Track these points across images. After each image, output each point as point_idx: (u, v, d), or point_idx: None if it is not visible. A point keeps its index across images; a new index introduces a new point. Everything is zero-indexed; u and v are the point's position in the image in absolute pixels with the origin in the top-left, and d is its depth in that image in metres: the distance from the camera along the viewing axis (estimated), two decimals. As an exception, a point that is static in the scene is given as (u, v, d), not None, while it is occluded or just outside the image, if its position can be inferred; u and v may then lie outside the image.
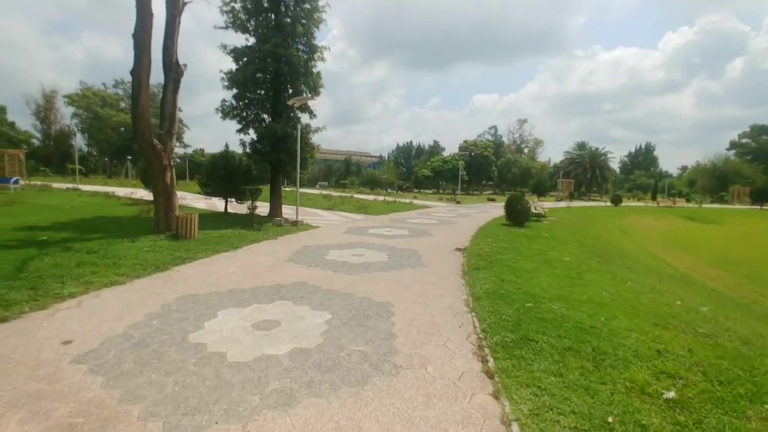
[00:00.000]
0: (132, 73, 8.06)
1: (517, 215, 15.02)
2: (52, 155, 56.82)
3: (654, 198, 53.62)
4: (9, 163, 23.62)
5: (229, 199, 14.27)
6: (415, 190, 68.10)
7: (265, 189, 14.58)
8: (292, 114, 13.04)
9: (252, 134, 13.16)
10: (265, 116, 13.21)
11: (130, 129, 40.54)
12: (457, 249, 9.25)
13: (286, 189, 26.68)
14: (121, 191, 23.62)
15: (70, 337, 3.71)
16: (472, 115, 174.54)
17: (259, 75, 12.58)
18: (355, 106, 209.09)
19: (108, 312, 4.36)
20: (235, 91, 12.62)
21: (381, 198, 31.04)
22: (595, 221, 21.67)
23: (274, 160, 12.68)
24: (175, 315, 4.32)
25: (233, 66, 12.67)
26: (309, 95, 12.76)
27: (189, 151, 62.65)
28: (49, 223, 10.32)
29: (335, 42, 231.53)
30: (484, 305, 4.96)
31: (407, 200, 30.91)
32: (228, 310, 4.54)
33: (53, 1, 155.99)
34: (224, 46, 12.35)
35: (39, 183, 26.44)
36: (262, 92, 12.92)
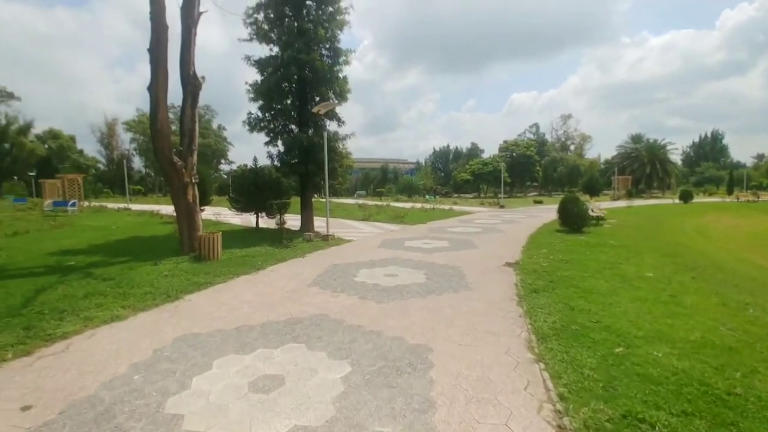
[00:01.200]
0: (149, 88, 7.75)
1: (573, 219, 13.19)
2: (115, 177, 62.20)
3: (730, 192, 47.33)
4: (69, 187, 25.49)
5: (260, 214, 13.90)
6: (455, 195, 66.03)
7: (296, 202, 14.03)
8: (320, 122, 12.42)
9: (280, 146, 12.71)
10: (293, 126, 12.70)
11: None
12: (508, 264, 7.92)
13: (321, 200, 26.36)
14: (166, 209, 24.53)
15: (33, 400, 3.03)
16: (510, 115, 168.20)
17: (284, 84, 12.10)
18: (390, 113, 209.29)
19: (91, 361, 3.68)
20: (260, 102, 12.24)
21: (419, 205, 29.83)
22: (665, 222, 18.94)
23: (303, 172, 12.09)
24: (164, 366, 3.54)
25: (259, 77, 12.33)
26: (336, 101, 12.05)
27: (234, 167, 65.76)
28: (85, 246, 10.37)
29: (366, 52, 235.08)
30: (554, 350, 3.71)
31: (446, 206, 29.44)
32: (227, 357, 3.70)
33: (115, 40, 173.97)
34: (248, 58, 12.03)
35: (95, 204, 28.38)
36: (288, 102, 12.42)
